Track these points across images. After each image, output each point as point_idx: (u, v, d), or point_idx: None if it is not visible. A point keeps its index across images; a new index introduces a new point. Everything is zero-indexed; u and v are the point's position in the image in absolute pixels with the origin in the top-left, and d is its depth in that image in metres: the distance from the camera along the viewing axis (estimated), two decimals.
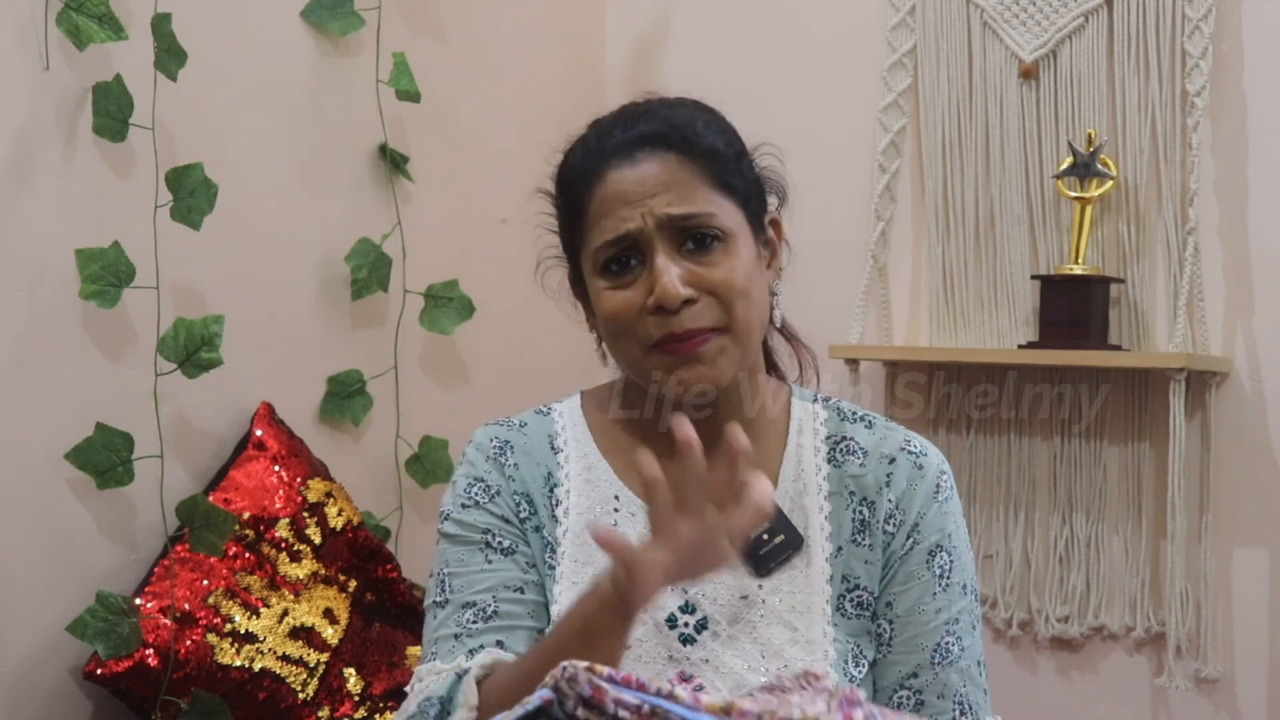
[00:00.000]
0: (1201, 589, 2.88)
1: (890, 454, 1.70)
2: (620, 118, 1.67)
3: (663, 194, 1.61)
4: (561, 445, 1.71)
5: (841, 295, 3.09)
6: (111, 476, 2.47)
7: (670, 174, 1.62)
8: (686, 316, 1.59)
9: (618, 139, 1.64)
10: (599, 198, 1.63)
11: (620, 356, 1.66)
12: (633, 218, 1.61)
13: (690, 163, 1.62)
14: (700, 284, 1.60)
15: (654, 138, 1.63)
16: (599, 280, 1.63)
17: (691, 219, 1.61)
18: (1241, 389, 2.88)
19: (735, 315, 1.61)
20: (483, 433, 1.72)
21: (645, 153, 1.62)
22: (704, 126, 1.65)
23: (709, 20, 3.35)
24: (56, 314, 2.47)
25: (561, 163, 1.69)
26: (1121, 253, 2.95)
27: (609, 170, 1.63)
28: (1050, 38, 2.99)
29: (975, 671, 1.66)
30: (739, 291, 1.61)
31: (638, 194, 1.61)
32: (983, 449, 3.07)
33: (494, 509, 1.66)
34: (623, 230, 1.61)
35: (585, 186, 1.64)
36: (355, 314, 2.93)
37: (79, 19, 2.42)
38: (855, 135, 3.15)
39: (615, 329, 1.63)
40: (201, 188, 2.55)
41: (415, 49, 2.98)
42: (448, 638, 1.62)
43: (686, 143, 1.63)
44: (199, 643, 2.49)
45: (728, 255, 1.62)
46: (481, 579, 1.64)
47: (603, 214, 1.62)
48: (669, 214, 1.60)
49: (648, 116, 1.65)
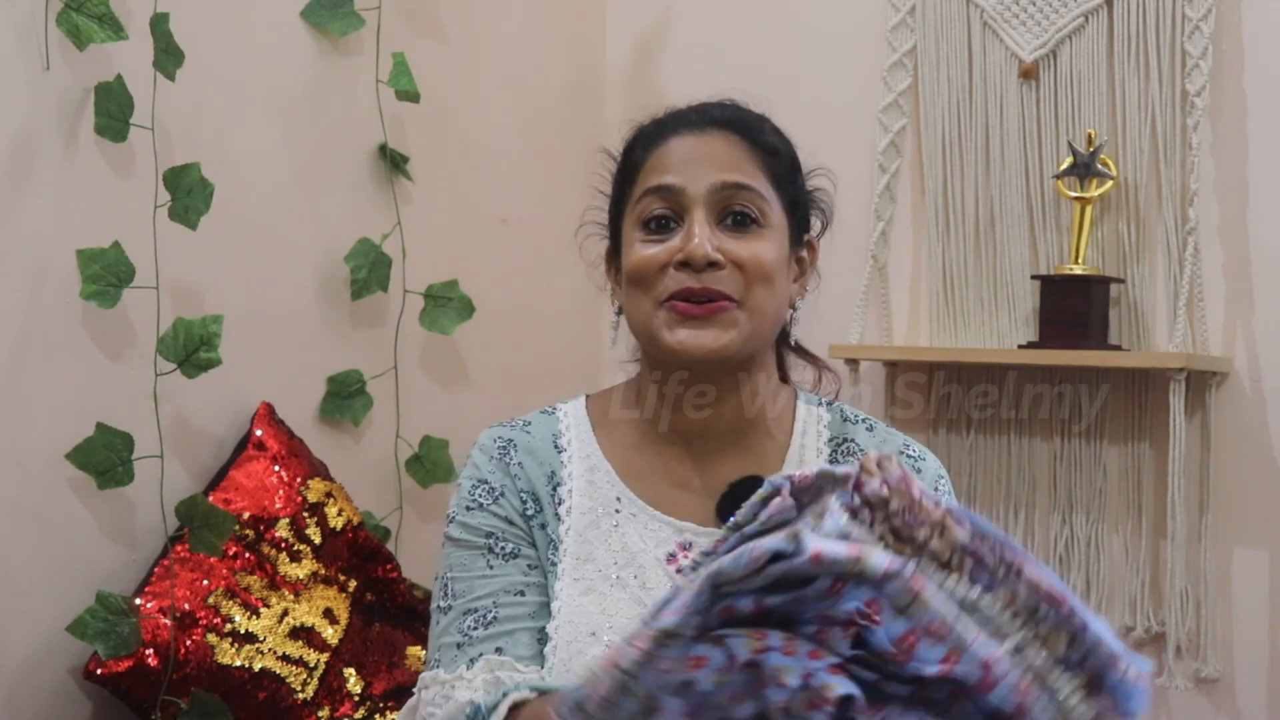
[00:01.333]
0: (1201, 589, 2.88)
1: (889, 456, 1.70)
2: (699, 104, 1.73)
3: (721, 165, 1.65)
4: (565, 445, 1.71)
5: (841, 295, 3.09)
6: (111, 476, 2.47)
7: (731, 151, 1.67)
8: (708, 277, 1.62)
9: (690, 115, 1.70)
10: (657, 153, 1.68)
11: (634, 311, 1.67)
12: (683, 174, 1.65)
13: (752, 150, 1.68)
14: (729, 254, 1.63)
15: (724, 120, 1.69)
16: (636, 233, 1.67)
17: (741, 191, 1.65)
18: (1241, 389, 2.88)
19: (753, 293, 1.64)
20: (487, 434, 1.73)
21: (714, 129, 1.68)
22: (770, 130, 1.72)
23: (709, 20, 3.35)
24: (56, 314, 2.47)
25: (633, 131, 1.74)
26: (1121, 253, 2.95)
27: (674, 135, 1.68)
28: (1050, 38, 2.99)
29: None
30: (763, 273, 1.64)
31: (695, 157, 1.66)
32: (983, 449, 3.07)
33: (498, 510, 1.67)
34: (668, 182, 1.65)
35: (646, 146, 1.69)
36: (355, 314, 2.93)
37: (79, 19, 2.42)
38: (855, 135, 3.15)
39: (637, 279, 1.65)
40: (198, 187, 2.55)
41: (415, 49, 2.98)
42: (450, 646, 1.64)
43: (753, 131, 1.69)
44: (199, 643, 2.49)
45: (762, 240, 1.65)
46: (483, 584, 1.65)
47: (657, 167, 1.67)
48: (722, 180, 1.64)
49: (723, 106, 1.72)
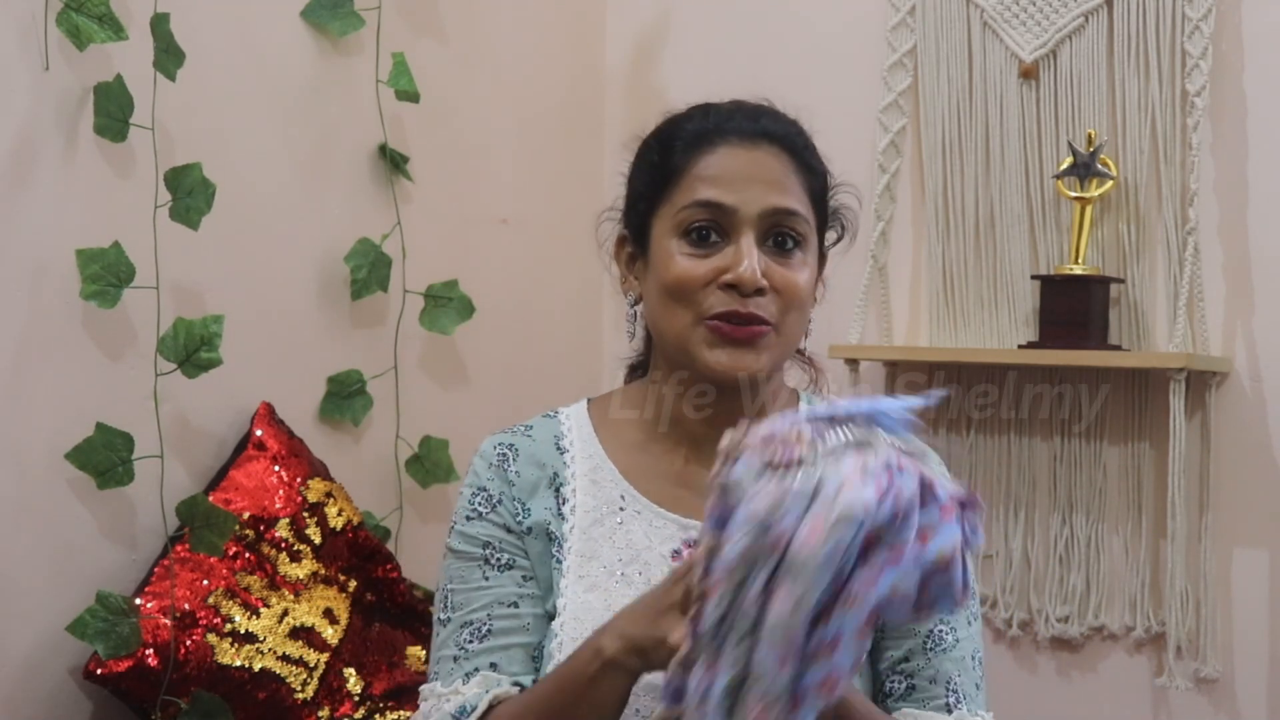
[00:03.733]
0: (1201, 589, 2.88)
1: None
2: (742, 107, 1.70)
3: (772, 187, 1.64)
4: (567, 446, 1.71)
5: (841, 295, 3.08)
6: (111, 476, 2.47)
7: (784, 172, 1.65)
8: (752, 302, 1.62)
9: (742, 123, 1.67)
10: (707, 162, 1.65)
11: (667, 321, 1.66)
12: (735, 192, 1.63)
13: (801, 171, 1.67)
14: (773, 280, 1.63)
15: (779, 136, 1.67)
16: (675, 242, 1.65)
17: (791, 216, 1.64)
18: (1241, 389, 2.88)
19: (787, 319, 1.64)
20: (488, 442, 1.73)
21: (768, 144, 1.66)
22: (810, 147, 1.71)
23: (709, 20, 3.34)
24: (56, 314, 2.47)
25: (670, 121, 1.71)
26: (1121, 253, 2.94)
27: (726, 144, 1.66)
28: (1050, 38, 2.98)
29: (970, 664, 1.67)
30: (800, 300, 1.65)
31: (749, 175, 1.64)
32: (983, 449, 3.07)
33: (495, 519, 1.68)
34: (720, 200, 1.63)
35: (695, 149, 1.66)
36: (355, 314, 2.93)
37: (79, 19, 2.42)
38: (855, 135, 3.14)
39: (676, 293, 1.64)
40: (200, 188, 2.55)
41: (415, 49, 2.98)
42: (447, 659, 1.65)
43: (803, 152, 1.68)
44: (199, 643, 2.49)
45: (801, 264, 1.65)
46: (479, 596, 1.66)
47: (706, 178, 1.64)
48: (775, 204, 1.63)
49: (772, 116, 1.69)
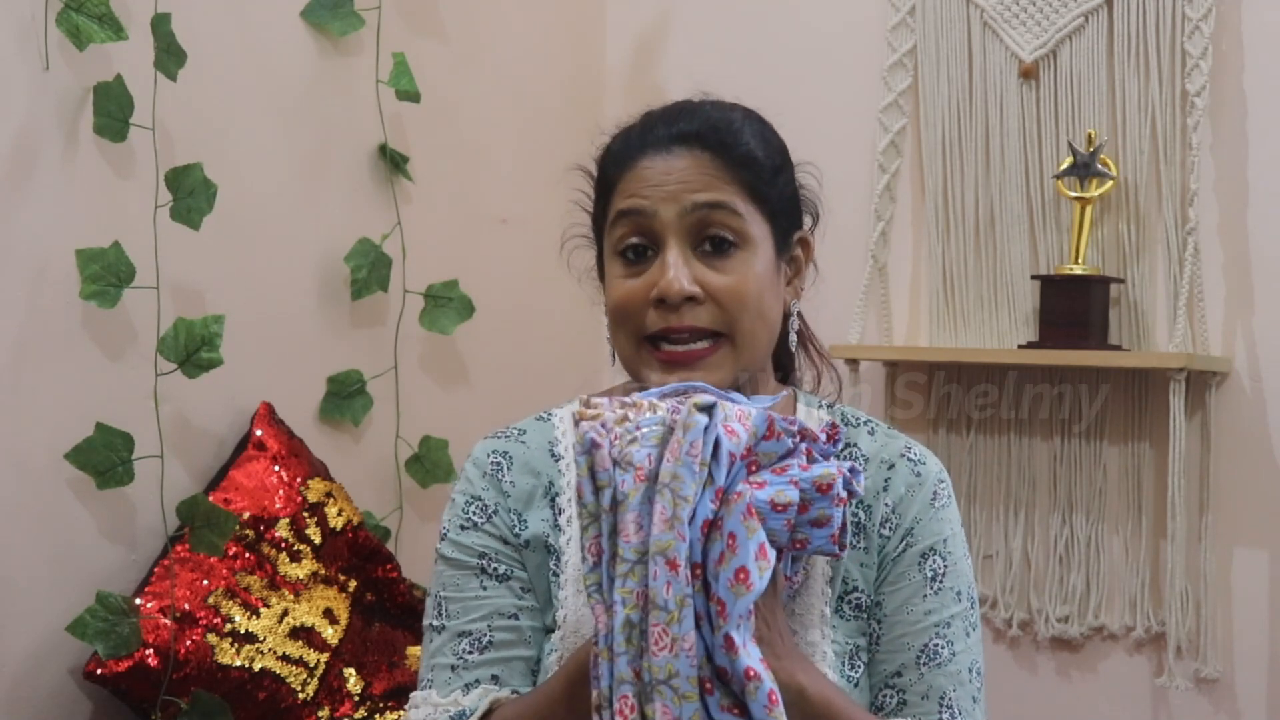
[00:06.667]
0: (1201, 589, 2.88)
1: (890, 460, 1.69)
2: (668, 112, 1.68)
3: (689, 186, 1.61)
4: (562, 453, 1.70)
5: (841, 295, 3.09)
6: (111, 476, 2.47)
7: (700, 170, 1.62)
8: (688, 314, 1.59)
9: (659, 132, 1.65)
10: (628, 178, 1.64)
11: (617, 345, 1.66)
12: (650, 198, 1.61)
13: (724, 165, 1.63)
14: (708, 286, 1.60)
15: (693, 136, 1.64)
16: (614, 265, 1.65)
17: (715, 210, 1.61)
18: (1241, 389, 2.88)
19: (739, 326, 1.61)
20: (481, 447, 1.71)
21: (681, 148, 1.63)
22: (749, 134, 1.66)
23: (709, 20, 3.35)
24: (56, 314, 2.47)
25: (605, 145, 1.71)
26: (1121, 253, 2.94)
27: (643, 158, 1.64)
28: (1050, 38, 2.98)
29: (966, 677, 1.63)
30: (746, 302, 1.61)
31: (663, 181, 1.62)
32: (983, 449, 3.07)
33: (491, 529, 1.66)
34: (636, 206, 1.62)
35: (617, 170, 1.66)
36: (355, 314, 2.93)
37: (79, 19, 2.42)
38: (855, 135, 3.15)
39: (618, 316, 1.63)
40: (201, 188, 2.55)
41: (415, 49, 2.98)
42: (444, 667, 1.63)
43: (724, 146, 1.64)
44: (199, 643, 2.49)
45: (743, 263, 1.61)
46: (477, 606, 1.64)
47: (627, 193, 1.63)
48: (693, 200, 1.60)
49: (693, 115, 1.66)
